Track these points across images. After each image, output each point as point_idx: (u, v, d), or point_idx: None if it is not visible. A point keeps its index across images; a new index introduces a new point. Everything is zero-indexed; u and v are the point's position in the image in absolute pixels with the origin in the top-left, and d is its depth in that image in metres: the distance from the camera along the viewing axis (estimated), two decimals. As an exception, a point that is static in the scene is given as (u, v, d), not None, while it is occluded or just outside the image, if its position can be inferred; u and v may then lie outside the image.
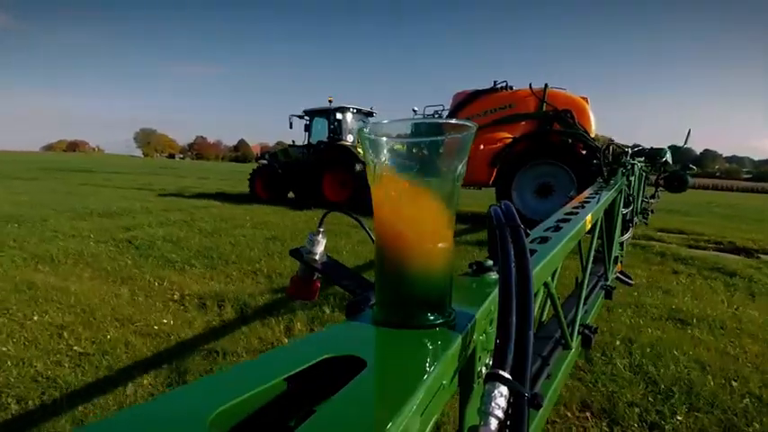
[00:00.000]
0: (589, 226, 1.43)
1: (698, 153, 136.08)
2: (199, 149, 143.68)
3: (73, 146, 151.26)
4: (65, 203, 9.52)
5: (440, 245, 0.50)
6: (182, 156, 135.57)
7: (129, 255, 5.21)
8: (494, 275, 0.68)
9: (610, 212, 2.29)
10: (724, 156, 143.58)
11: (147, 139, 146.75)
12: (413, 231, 0.49)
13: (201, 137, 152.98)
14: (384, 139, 0.47)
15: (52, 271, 4.50)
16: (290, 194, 11.91)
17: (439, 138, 0.47)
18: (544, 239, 1.02)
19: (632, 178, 3.11)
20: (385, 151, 0.47)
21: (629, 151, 2.99)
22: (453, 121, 0.48)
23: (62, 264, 4.76)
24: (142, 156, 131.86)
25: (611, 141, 3.10)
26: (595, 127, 8.59)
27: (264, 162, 12.56)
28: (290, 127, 11.82)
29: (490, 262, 0.69)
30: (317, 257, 0.92)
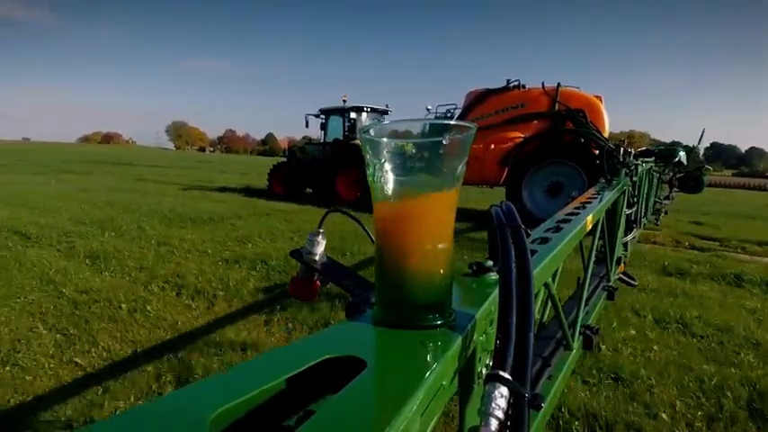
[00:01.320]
0: (590, 226, 1.43)
1: (743, 151, 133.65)
2: (228, 143, 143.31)
3: (107, 138, 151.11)
4: (144, 205, 8.79)
5: (440, 245, 0.50)
6: (212, 149, 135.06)
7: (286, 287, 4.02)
8: (494, 276, 0.67)
9: (612, 213, 2.28)
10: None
11: (178, 131, 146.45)
12: (413, 232, 0.49)
13: (231, 130, 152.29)
14: (384, 139, 0.47)
15: (224, 314, 3.44)
16: (308, 190, 12.06)
17: (439, 138, 0.47)
18: (545, 240, 1.02)
19: (636, 178, 3.10)
20: (385, 152, 0.47)
21: (632, 151, 2.99)
22: (453, 121, 0.48)
23: (223, 301, 3.75)
24: (174, 148, 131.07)
25: (620, 142, 3.09)
26: (609, 126, 8.50)
27: (284, 159, 12.74)
28: (306, 126, 11.93)
29: (490, 262, 0.69)
30: (316, 258, 0.92)
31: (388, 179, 0.48)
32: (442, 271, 0.50)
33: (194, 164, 32.28)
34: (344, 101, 11.50)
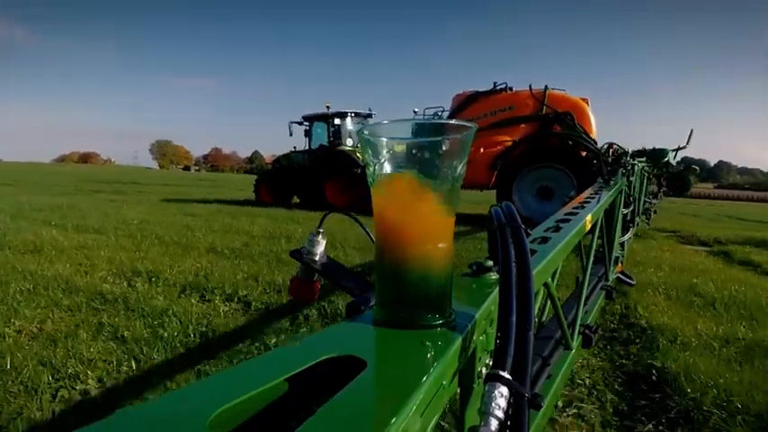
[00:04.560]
0: (589, 226, 1.43)
1: (712, 165, 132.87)
2: (214, 161, 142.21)
3: (85, 157, 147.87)
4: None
5: (440, 245, 0.50)
6: (197, 167, 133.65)
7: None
8: (494, 276, 0.68)
9: (610, 213, 2.29)
10: (737, 167, 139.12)
11: (162, 150, 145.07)
12: (413, 232, 0.49)
13: (216, 148, 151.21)
14: (383, 139, 0.47)
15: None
16: (295, 199, 11.91)
17: (438, 138, 0.47)
18: (544, 240, 1.02)
19: (632, 178, 3.11)
20: (384, 152, 0.47)
21: (629, 151, 3.00)
22: (453, 121, 0.48)
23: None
24: (158, 167, 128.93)
25: (611, 143, 3.11)
26: (596, 129, 8.55)
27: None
28: (290, 135, 11.76)
29: (490, 262, 0.69)
30: (316, 258, 0.92)
31: (388, 179, 0.48)
32: (441, 271, 0.50)
33: (199, 182, 30.18)
34: (328, 107, 11.41)
